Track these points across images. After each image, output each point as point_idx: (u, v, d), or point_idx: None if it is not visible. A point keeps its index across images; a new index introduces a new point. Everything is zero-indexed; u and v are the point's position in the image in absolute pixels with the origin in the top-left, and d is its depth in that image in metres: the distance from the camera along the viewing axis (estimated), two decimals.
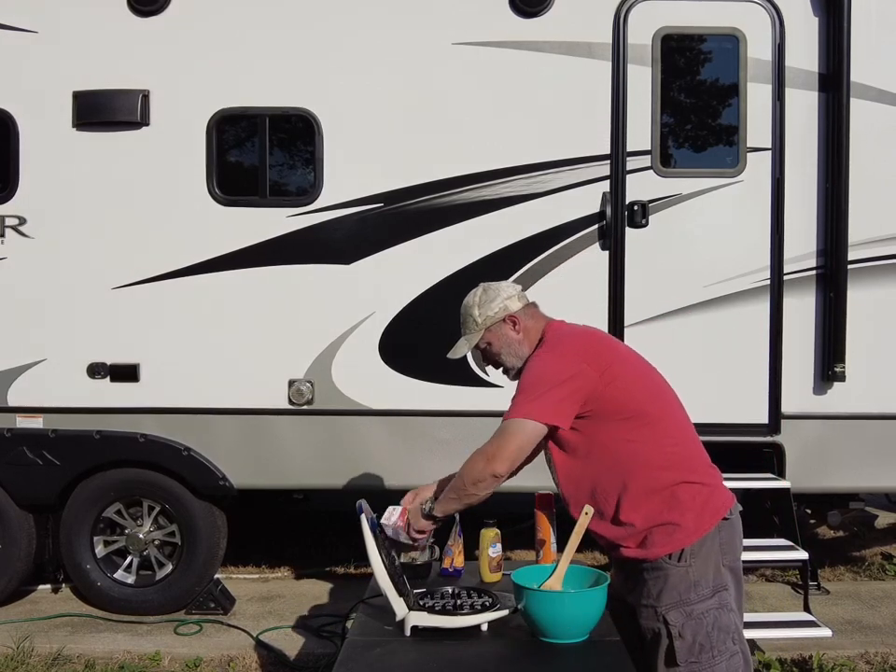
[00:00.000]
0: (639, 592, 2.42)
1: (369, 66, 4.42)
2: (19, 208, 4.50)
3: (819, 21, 4.35)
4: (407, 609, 2.35)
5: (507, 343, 2.60)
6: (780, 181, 4.36)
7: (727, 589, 2.40)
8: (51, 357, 4.51)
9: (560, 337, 2.54)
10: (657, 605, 2.37)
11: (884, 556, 5.54)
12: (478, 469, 2.41)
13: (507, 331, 2.60)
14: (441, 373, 4.44)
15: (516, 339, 2.60)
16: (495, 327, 2.60)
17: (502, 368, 2.67)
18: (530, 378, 2.46)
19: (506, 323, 2.60)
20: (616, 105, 4.36)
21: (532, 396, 2.40)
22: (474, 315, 2.61)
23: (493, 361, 2.68)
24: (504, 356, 2.62)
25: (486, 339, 2.62)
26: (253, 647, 4.26)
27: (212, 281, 4.46)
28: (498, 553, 2.81)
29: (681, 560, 2.37)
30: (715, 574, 2.38)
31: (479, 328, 2.61)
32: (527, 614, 2.27)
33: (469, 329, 2.63)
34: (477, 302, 2.62)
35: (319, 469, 4.51)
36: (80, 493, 4.60)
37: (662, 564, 2.38)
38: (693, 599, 2.35)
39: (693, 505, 2.39)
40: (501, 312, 2.60)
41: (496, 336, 2.61)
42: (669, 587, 2.36)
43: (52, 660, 4.10)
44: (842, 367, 4.31)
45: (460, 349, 2.66)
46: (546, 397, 2.38)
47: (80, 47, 4.46)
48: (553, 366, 2.44)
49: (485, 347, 2.64)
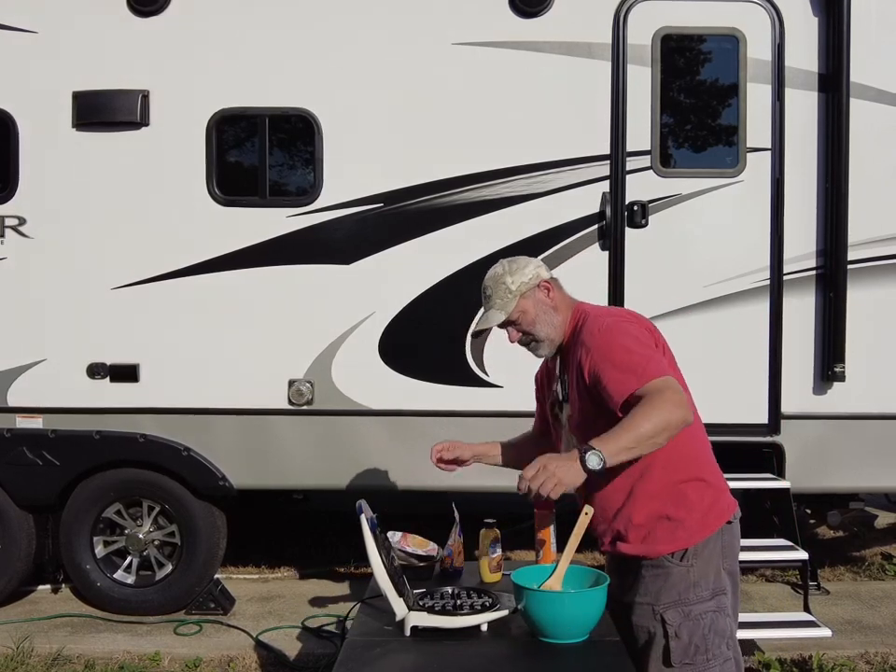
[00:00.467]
0: (636, 589, 2.39)
1: (369, 67, 4.42)
2: (18, 208, 4.50)
3: (818, 22, 4.35)
4: (407, 609, 2.35)
5: (543, 311, 2.50)
6: (780, 181, 4.36)
7: (725, 593, 2.38)
8: (51, 358, 4.51)
9: (612, 312, 2.50)
10: (655, 603, 2.35)
11: (884, 556, 5.54)
12: (675, 411, 2.17)
13: (541, 297, 2.50)
14: (441, 373, 4.44)
15: (551, 305, 2.51)
16: (529, 293, 2.49)
17: (532, 341, 2.54)
18: (628, 342, 2.31)
19: (540, 289, 2.51)
20: (616, 106, 4.36)
21: (647, 356, 2.28)
22: (506, 282, 2.49)
23: (524, 332, 2.53)
24: (539, 324, 2.50)
25: (520, 307, 2.49)
26: (253, 647, 4.26)
27: (212, 281, 4.46)
28: (498, 554, 2.81)
29: (683, 560, 2.35)
30: (715, 577, 2.37)
31: (513, 295, 2.48)
32: (527, 614, 2.27)
33: (501, 298, 2.49)
34: (508, 270, 2.51)
35: (319, 469, 4.51)
36: (80, 493, 4.60)
37: (663, 562, 2.36)
38: (692, 600, 2.33)
39: (699, 505, 2.38)
40: (535, 278, 2.51)
41: (530, 303, 2.50)
42: (669, 586, 2.34)
43: (52, 660, 4.10)
44: (842, 367, 4.32)
45: (494, 317, 2.50)
46: (656, 357, 2.30)
47: (80, 47, 4.46)
48: (637, 328, 2.38)
49: (518, 317, 2.50)
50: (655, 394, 2.19)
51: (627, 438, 2.14)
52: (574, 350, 2.45)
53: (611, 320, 2.41)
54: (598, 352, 2.33)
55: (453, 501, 3.08)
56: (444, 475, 4.46)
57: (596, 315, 2.46)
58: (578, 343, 2.43)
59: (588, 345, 2.37)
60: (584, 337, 2.40)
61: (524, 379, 4.41)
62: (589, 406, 2.38)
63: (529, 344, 2.56)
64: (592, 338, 2.37)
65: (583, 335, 2.41)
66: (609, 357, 2.31)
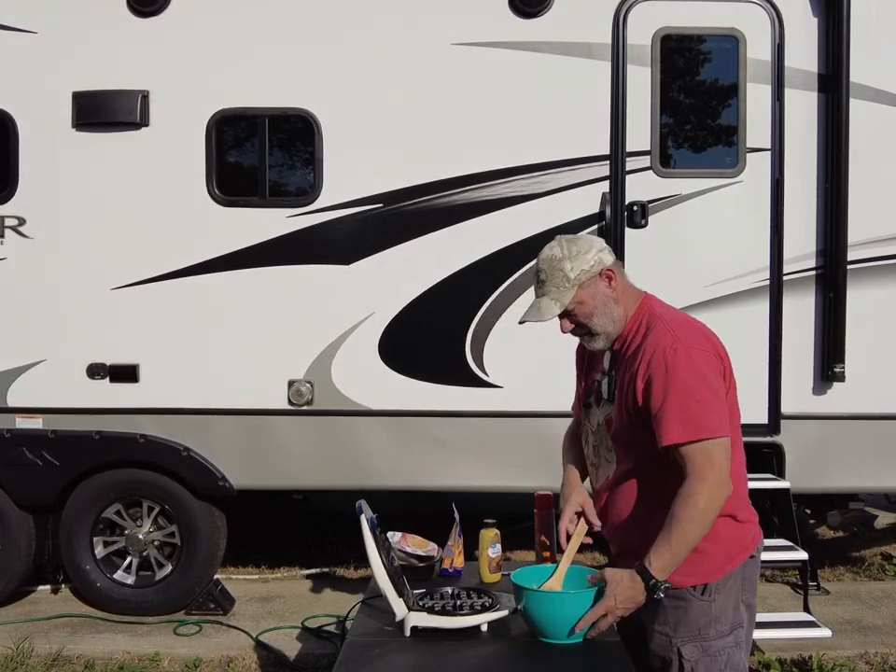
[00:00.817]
0: (653, 615, 2.26)
1: (368, 67, 4.42)
2: (18, 208, 4.50)
3: (818, 22, 4.35)
4: (407, 609, 2.35)
5: (602, 303, 2.26)
6: (780, 181, 4.37)
7: (742, 626, 2.29)
8: (51, 358, 4.51)
9: (684, 327, 2.23)
10: (673, 635, 2.24)
11: (883, 556, 5.54)
12: (718, 499, 2.10)
13: (602, 288, 2.27)
14: (440, 374, 4.44)
15: (612, 297, 2.28)
16: (589, 282, 2.25)
17: (587, 334, 2.32)
18: (698, 385, 2.13)
19: (601, 278, 2.27)
20: (616, 106, 4.36)
21: (710, 407, 2.12)
22: (565, 269, 2.23)
23: (578, 324, 2.30)
24: (597, 317, 2.27)
25: (578, 297, 2.25)
26: (253, 647, 4.26)
27: (212, 281, 4.46)
28: (498, 554, 2.80)
29: (705, 594, 2.24)
30: (734, 611, 2.26)
31: (571, 284, 2.23)
32: (527, 615, 2.27)
33: (557, 287, 2.24)
34: (567, 255, 2.25)
35: (319, 469, 4.51)
36: (80, 493, 4.60)
37: (685, 594, 2.23)
38: (712, 636, 2.23)
39: (728, 539, 2.25)
40: (597, 265, 2.26)
41: (589, 294, 2.26)
42: (689, 620, 2.23)
43: (52, 660, 4.10)
44: (841, 367, 4.32)
45: (548, 310, 2.25)
46: (720, 407, 2.14)
47: (80, 47, 4.46)
48: (712, 370, 2.18)
49: (573, 308, 2.26)
50: (696, 483, 2.08)
51: (681, 550, 2.10)
52: (634, 358, 2.24)
53: (684, 351, 2.16)
54: (660, 383, 2.14)
55: (453, 501, 3.08)
56: (444, 475, 4.49)
57: (668, 328, 2.21)
58: (640, 355, 2.21)
59: (652, 369, 2.16)
60: (650, 354, 2.18)
61: (524, 379, 4.44)
62: (634, 420, 2.23)
63: (583, 336, 2.35)
64: (657, 363, 2.16)
65: (649, 351, 2.19)
66: (670, 396, 2.13)
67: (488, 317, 4.40)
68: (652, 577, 2.10)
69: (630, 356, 2.26)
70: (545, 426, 4.28)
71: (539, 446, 4.27)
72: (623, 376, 2.27)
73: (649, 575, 2.10)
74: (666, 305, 2.35)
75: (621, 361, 2.31)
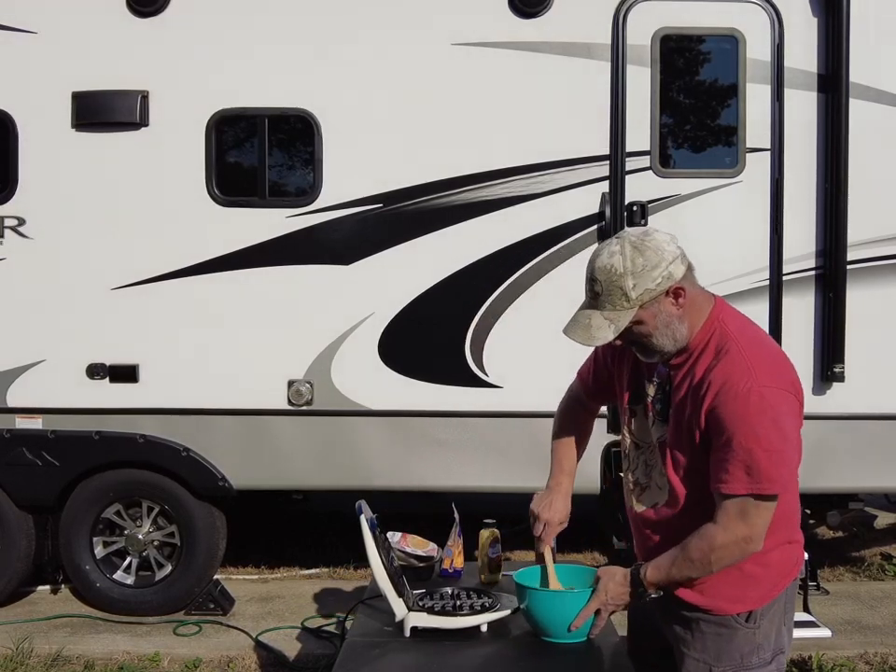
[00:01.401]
0: (688, 640, 2.11)
1: (368, 67, 4.42)
2: (18, 209, 4.50)
3: (818, 22, 4.35)
4: (406, 609, 2.35)
5: (665, 323, 1.97)
6: (779, 182, 4.36)
7: (784, 652, 2.13)
8: (51, 358, 4.50)
9: (764, 361, 1.96)
10: (714, 665, 2.08)
11: (883, 557, 5.54)
12: (736, 555, 1.97)
13: (667, 307, 1.96)
14: (440, 374, 4.44)
15: (677, 315, 1.97)
16: (653, 302, 1.94)
17: (641, 349, 2.06)
18: (768, 433, 1.88)
19: (668, 297, 1.96)
20: (615, 106, 4.36)
21: (778, 459, 1.90)
22: (626, 287, 1.91)
23: (633, 342, 2.04)
24: (656, 338, 1.99)
25: (637, 317, 1.95)
26: (252, 647, 4.26)
27: (211, 282, 4.46)
28: (498, 554, 2.81)
29: (750, 621, 2.07)
30: (776, 636, 2.11)
31: (631, 305, 1.93)
32: (529, 614, 2.27)
33: (613, 305, 1.94)
34: (630, 269, 1.91)
35: (319, 469, 4.51)
36: (79, 493, 4.60)
37: (730, 622, 2.07)
38: (755, 664, 2.07)
39: (778, 564, 2.10)
40: (664, 282, 1.93)
41: (651, 314, 1.96)
42: (732, 648, 2.07)
43: (51, 661, 4.10)
44: (841, 367, 4.32)
45: (600, 332, 1.95)
46: (790, 458, 1.92)
47: (80, 47, 4.46)
48: (788, 412, 1.92)
49: (630, 327, 1.97)
50: (719, 532, 1.94)
51: (678, 577, 2.03)
52: (699, 384, 1.98)
53: (758, 391, 1.90)
54: (731, 422, 1.90)
55: (452, 501, 3.08)
56: (443, 475, 4.49)
57: (743, 359, 1.94)
58: (707, 384, 1.95)
59: (719, 404, 1.92)
60: (718, 387, 1.93)
61: (523, 379, 4.44)
62: (696, 448, 2.01)
63: (636, 349, 2.09)
64: (727, 401, 1.91)
65: (717, 383, 1.93)
66: (739, 437, 1.89)
67: (488, 317, 4.39)
68: (642, 584, 2.06)
69: (694, 379, 2.00)
70: (545, 426, 4.25)
71: (539, 446, 4.24)
72: (684, 400, 2.02)
73: (639, 581, 2.07)
74: (737, 315, 2.08)
75: (680, 381, 2.04)
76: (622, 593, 2.09)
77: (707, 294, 2.08)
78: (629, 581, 2.08)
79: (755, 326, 2.11)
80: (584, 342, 1.99)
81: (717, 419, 1.93)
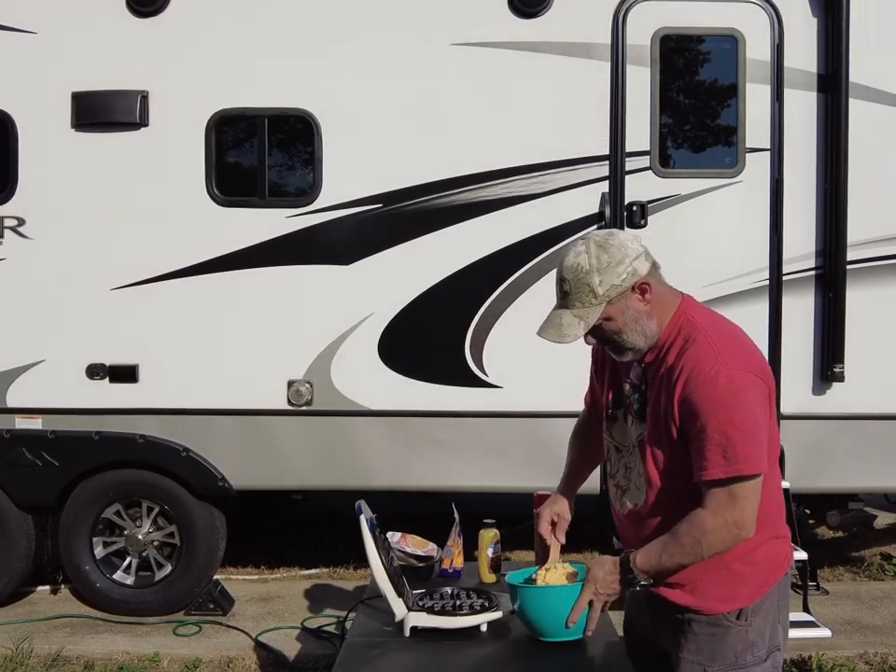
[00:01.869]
0: (681, 643, 2.11)
1: (367, 67, 4.42)
2: (18, 209, 4.50)
3: (817, 22, 4.35)
4: (406, 609, 2.35)
5: (633, 319, 2.03)
6: (779, 182, 4.37)
7: (779, 649, 2.13)
8: (50, 358, 4.50)
9: (729, 351, 2.00)
10: (708, 665, 2.08)
11: (883, 557, 5.54)
12: (727, 540, 1.97)
13: (634, 303, 2.03)
14: (440, 374, 4.44)
15: (644, 311, 2.04)
16: (620, 297, 2.01)
17: (614, 347, 2.10)
18: (740, 413, 1.93)
19: (634, 292, 2.02)
20: (615, 106, 4.36)
21: (752, 439, 1.93)
22: (592, 283, 1.98)
23: (605, 340, 2.09)
24: (626, 334, 2.04)
25: (606, 314, 2.02)
26: (252, 648, 4.26)
27: (211, 282, 4.46)
28: (498, 554, 2.81)
29: (741, 618, 2.07)
30: (771, 633, 2.11)
31: (598, 301, 1.99)
32: (521, 614, 2.25)
33: (582, 302, 2.00)
34: (595, 266, 1.98)
35: (318, 469, 4.51)
36: (79, 494, 4.60)
37: (721, 621, 2.08)
38: (749, 662, 2.07)
39: (766, 560, 2.11)
40: (629, 278, 2.00)
41: (619, 310, 2.02)
42: (726, 647, 2.07)
43: (51, 661, 4.10)
44: (841, 367, 4.32)
45: (570, 329, 2.01)
46: (762, 438, 1.95)
47: (79, 48, 4.46)
48: (756, 394, 1.97)
49: (599, 324, 2.03)
50: (709, 517, 1.95)
51: (668, 565, 2.01)
52: (670, 375, 2.02)
53: (727, 373, 1.94)
54: (700, 410, 1.94)
55: (452, 501, 3.08)
56: (443, 475, 4.49)
57: (709, 345, 2.00)
58: (677, 373, 2.00)
59: (690, 392, 1.96)
60: (687, 374, 1.98)
61: (523, 379, 4.44)
62: (674, 442, 2.04)
63: (609, 349, 2.13)
64: (697, 386, 1.95)
65: (687, 370, 1.98)
66: (709, 425, 1.93)
67: (488, 318, 4.39)
68: (632, 570, 2.04)
69: (665, 372, 2.04)
70: (545, 426, 4.29)
71: (539, 446, 4.28)
72: (658, 395, 2.06)
73: (629, 567, 2.04)
74: (706, 311, 2.15)
75: (654, 376, 2.09)
76: (612, 581, 2.07)
77: (674, 291, 2.14)
78: (619, 569, 2.07)
79: (724, 319, 2.17)
80: (556, 339, 2.03)
81: (689, 406, 1.97)
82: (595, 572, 2.10)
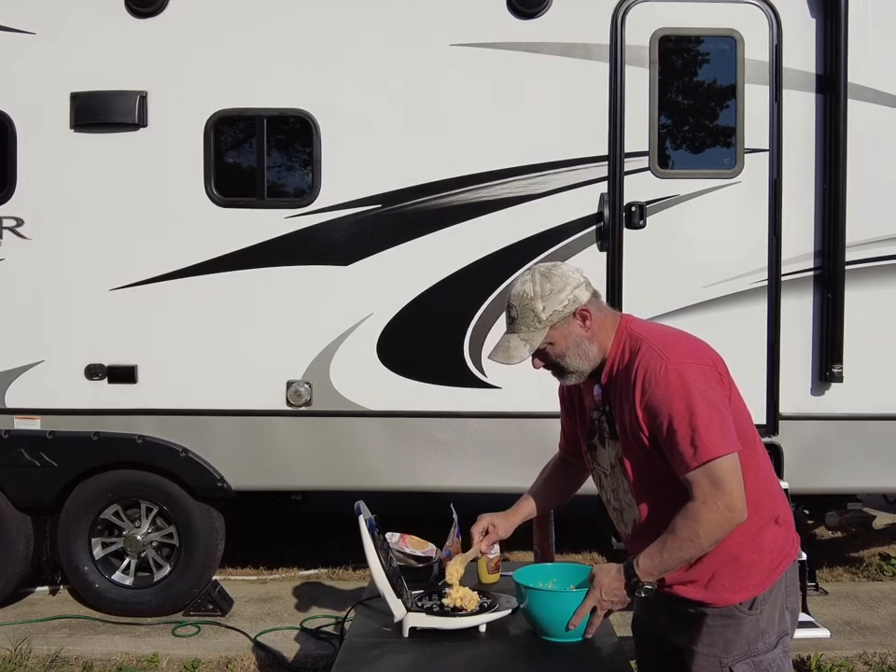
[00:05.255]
0: (695, 637, 2.16)
1: (367, 68, 4.42)
2: (16, 209, 4.49)
3: (816, 23, 4.35)
4: (405, 610, 2.35)
5: (575, 343, 2.16)
6: (778, 182, 4.37)
7: (788, 633, 2.20)
8: (49, 359, 4.50)
9: (672, 345, 2.13)
10: (723, 656, 2.13)
11: (882, 557, 5.54)
12: (723, 525, 2.02)
13: (576, 329, 2.16)
14: (439, 374, 4.44)
15: (585, 336, 2.17)
16: (562, 323, 2.15)
17: (559, 372, 2.23)
18: (697, 401, 2.02)
19: (575, 318, 2.16)
20: (614, 107, 4.36)
21: (714, 423, 2.01)
22: (536, 309, 2.13)
23: (550, 363, 2.22)
24: (569, 357, 2.17)
25: (550, 338, 2.15)
26: (251, 648, 4.26)
27: (210, 282, 4.46)
28: (497, 554, 2.81)
29: (753, 608, 2.13)
30: (780, 619, 2.18)
31: (542, 325, 2.13)
32: (529, 613, 2.28)
33: (527, 326, 2.14)
34: (539, 293, 2.14)
35: (317, 470, 4.51)
36: (78, 494, 4.60)
37: (734, 612, 2.13)
38: (761, 649, 2.14)
39: (772, 546, 2.16)
40: (571, 305, 2.15)
41: (561, 334, 2.15)
42: (739, 638, 2.13)
43: (50, 662, 4.10)
44: (839, 368, 4.32)
45: (517, 351, 2.15)
46: (725, 419, 2.04)
47: (78, 48, 4.46)
48: (708, 379, 2.07)
49: (544, 347, 2.17)
50: (700, 507, 2.00)
51: (672, 563, 2.05)
52: (625, 386, 2.13)
53: (675, 367, 2.06)
54: (661, 408, 2.05)
55: (451, 502, 3.08)
56: (442, 476, 4.49)
57: (652, 348, 2.11)
58: (632, 381, 2.10)
59: (648, 394, 2.07)
60: (641, 379, 2.08)
61: (522, 380, 4.42)
62: (648, 449, 2.11)
63: (555, 373, 2.25)
64: (652, 387, 2.06)
65: (640, 375, 2.09)
66: (675, 420, 2.03)
67: (487, 318, 4.39)
68: (635, 575, 2.08)
69: (621, 385, 2.15)
70: (543, 426, 4.27)
71: (538, 447, 4.26)
72: (622, 408, 2.15)
73: (632, 572, 2.09)
74: (645, 323, 2.27)
75: (614, 393, 2.19)
76: (616, 587, 2.11)
77: (614, 314, 2.26)
78: (623, 574, 2.11)
79: (664, 325, 2.30)
80: (504, 361, 2.17)
81: (651, 410, 2.07)
82: (601, 578, 2.14)
